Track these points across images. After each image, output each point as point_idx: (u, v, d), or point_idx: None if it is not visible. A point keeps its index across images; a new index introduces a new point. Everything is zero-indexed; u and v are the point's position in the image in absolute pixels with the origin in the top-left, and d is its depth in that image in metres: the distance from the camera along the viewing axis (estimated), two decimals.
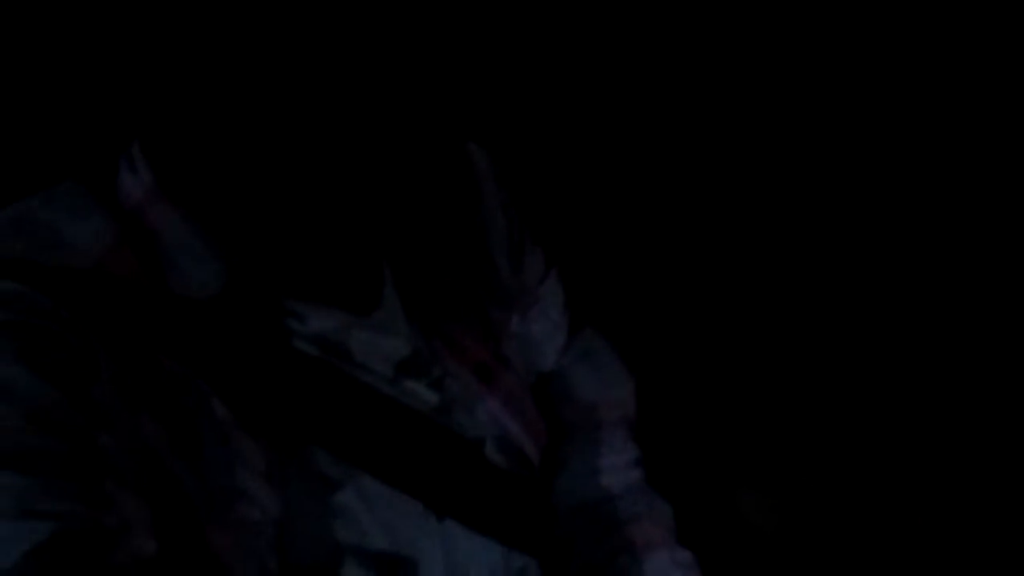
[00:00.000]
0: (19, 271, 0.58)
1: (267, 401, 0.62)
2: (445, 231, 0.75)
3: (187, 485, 0.59)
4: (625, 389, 0.86)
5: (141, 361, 0.60)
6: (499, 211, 0.78)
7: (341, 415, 0.64)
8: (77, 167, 0.66)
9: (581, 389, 0.83)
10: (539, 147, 1.56)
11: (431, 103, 0.64)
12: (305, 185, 0.59)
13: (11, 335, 0.56)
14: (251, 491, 0.60)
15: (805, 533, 1.54)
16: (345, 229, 0.64)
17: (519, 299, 0.78)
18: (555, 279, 0.83)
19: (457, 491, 0.68)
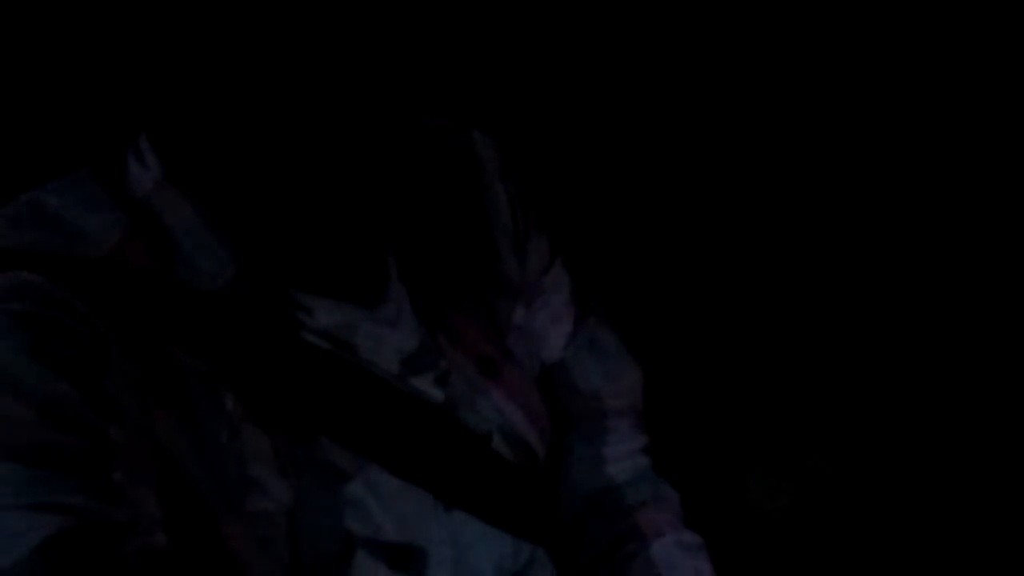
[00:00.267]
0: (32, 261, 0.59)
1: (277, 392, 0.62)
2: (450, 222, 0.75)
3: (198, 477, 0.59)
4: (631, 377, 0.86)
5: (152, 353, 0.60)
6: (504, 202, 0.78)
7: (350, 406, 0.64)
8: (85, 158, 0.66)
9: (586, 378, 0.83)
10: (546, 135, 1.56)
11: (437, 94, 0.65)
12: (312, 177, 0.60)
13: (25, 326, 0.56)
14: (263, 482, 0.60)
15: (813, 516, 1.54)
16: (351, 221, 0.65)
17: (523, 291, 0.78)
18: (560, 268, 0.83)
19: (465, 482, 0.68)
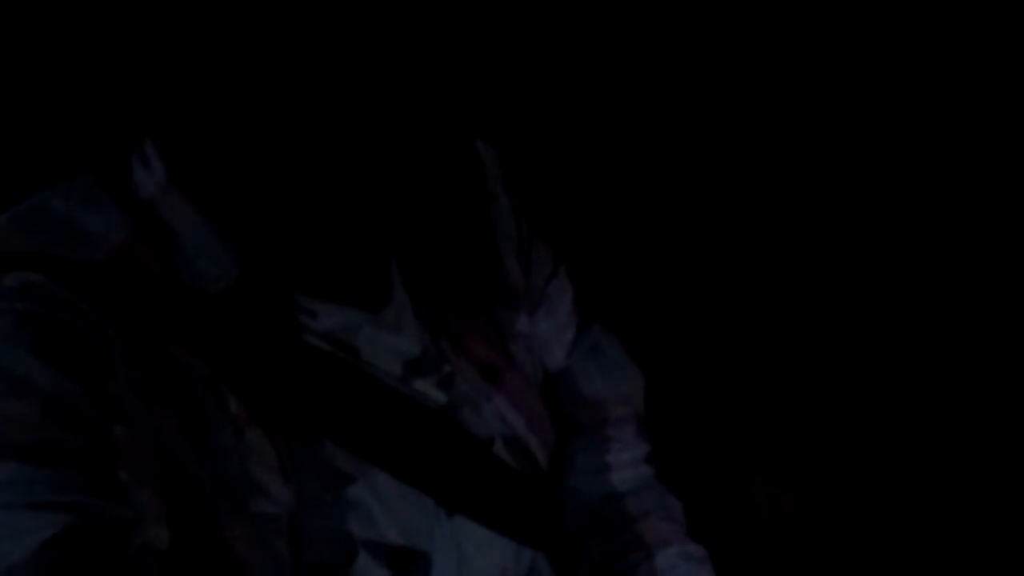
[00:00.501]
0: (37, 262, 0.59)
1: (279, 394, 0.62)
2: (454, 230, 0.75)
3: (201, 478, 0.59)
4: (634, 385, 0.86)
5: (156, 354, 0.60)
6: (508, 211, 0.78)
7: (353, 409, 0.64)
8: (90, 162, 0.66)
9: (589, 386, 0.83)
10: (547, 144, 1.56)
11: (439, 101, 0.65)
12: (316, 181, 0.60)
13: (30, 326, 0.56)
14: (265, 484, 0.60)
15: (816, 524, 1.54)
16: (355, 226, 0.65)
17: (527, 299, 0.78)
18: (563, 277, 0.83)
19: (467, 488, 0.68)
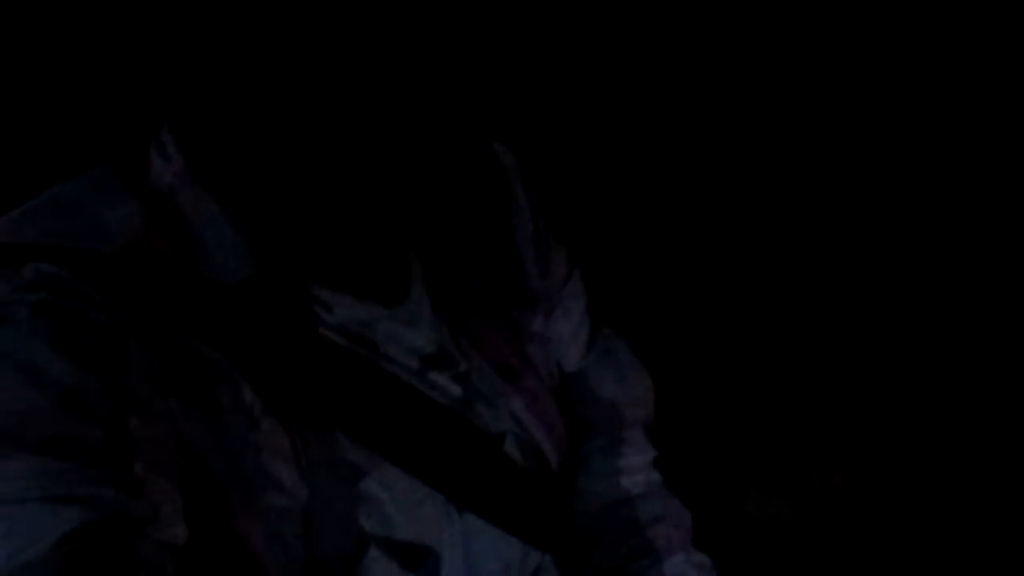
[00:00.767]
0: (52, 254, 0.59)
1: (294, 386, 0.62)
2: (475, 230, 0.75)
3: (215, 471, 0.59)
4: (645, 388, 0.86)
5: (171, 345, 0.60)
6: (527, 212, 0.78)
7: (366, 402, 0.64)
8: (107, 152, 0.66)
9: (602, 389, 0.83)
10: (561, 147, 1.56)
11: (459, 99, 0.65)
12: (336, 173, 0.60)
13: (47, 317, 0.56)
14: (279, 477, 0.60)
15: (814, 533, 1.54)
16: (375, 220, 0.65)
17: (544, 300, 0.79)
18: (578, 280, 0.83)
19: (478, 485, 0.68)
